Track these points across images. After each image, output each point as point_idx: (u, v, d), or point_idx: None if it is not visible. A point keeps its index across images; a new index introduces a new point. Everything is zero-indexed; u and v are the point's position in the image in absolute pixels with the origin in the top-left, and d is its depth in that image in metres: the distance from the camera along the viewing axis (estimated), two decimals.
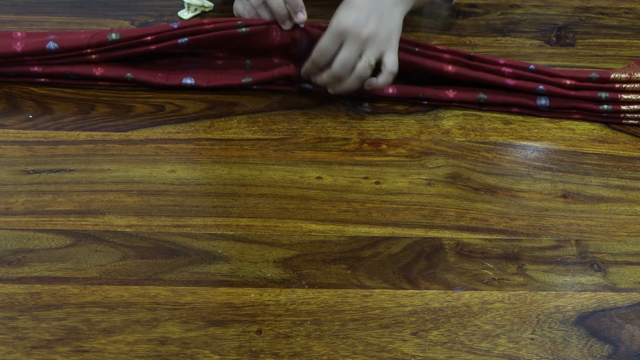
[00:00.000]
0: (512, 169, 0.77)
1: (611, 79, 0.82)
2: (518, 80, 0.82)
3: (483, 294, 0.65)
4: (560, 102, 0.82)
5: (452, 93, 0.83)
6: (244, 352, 0.59)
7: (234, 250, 0.67)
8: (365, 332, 0.61)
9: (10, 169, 0.74)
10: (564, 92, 0.82)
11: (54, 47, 0.81)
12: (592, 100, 0.82)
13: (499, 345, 0.61)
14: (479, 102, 0.83)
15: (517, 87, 0.82)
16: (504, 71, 0.82)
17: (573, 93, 0.82)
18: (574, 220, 0.72)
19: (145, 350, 0.59)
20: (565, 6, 1.02)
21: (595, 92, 0.82)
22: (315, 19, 0.98)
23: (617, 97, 0.82)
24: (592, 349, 0.61)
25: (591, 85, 0.82)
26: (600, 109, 0.82)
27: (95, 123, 0.80)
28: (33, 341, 0.60)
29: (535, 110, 0.83)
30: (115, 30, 0.82)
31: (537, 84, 0.82)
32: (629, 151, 0.79)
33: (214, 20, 0.82)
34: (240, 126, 0.80)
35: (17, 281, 0.64)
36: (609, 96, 0.82)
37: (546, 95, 0.82)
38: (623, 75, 0.82)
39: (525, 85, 0.82)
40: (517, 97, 0.82)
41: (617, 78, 0.82)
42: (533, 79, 0.82)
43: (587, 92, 0.82)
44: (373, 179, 0.75)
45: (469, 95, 0.83)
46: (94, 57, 0.82)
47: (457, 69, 0.82)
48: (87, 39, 0.81)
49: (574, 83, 0.82)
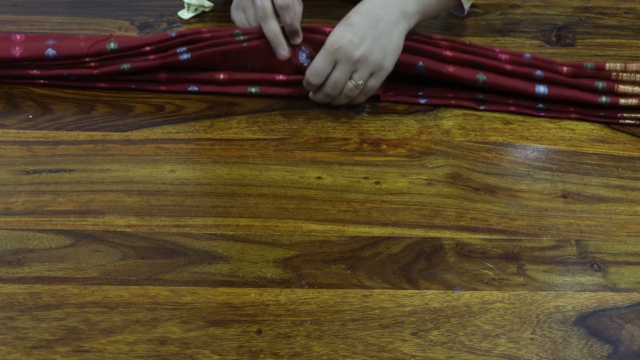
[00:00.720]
0: (512, 169, 0.77)
1: (607, 69, 0.82)
2: (515, 65, 0.82)
3: (483, 294, 0.65)
4: (559, 91, 0.82)
5: (451, 68, 0.82)
6: (244, 352, 0.59)
7: (234, 250, 0.67)
8: (365, 332, 0.61)
9: (10, 169, 0.74)
10: (561, 78, 0.82)
11: (52, 54, 0.81)
12: (589, 89, 0.82)
13: (499, 345, 0.61)
14: (477, 83, 0.82)
15: (515, 72, 0.82)
16: (501, 57, 0.83)
17: (570, 81, 0.82)
18: (574, 220, 0.72)
19: (145, 351, 0.59)
20: (565, 6, 1.02)
21: (593, 80, 0.82)
22: (315, 19, 0.98)
23: (614, 88, 0.82)
24: (592, 349, 0.61)
25: (588, 72, 0.82)
26: (599, 101, 0.82)
27: (95, 123, 0.80)
28: (33, 341, 0.60)
29: (533, 102, 0.83)
30: (114, 39, 0.82)
31: (534, 69, 0.82)
32: (629, 151, 0.80)
33: (212, 30, 0.82)
34: (240, 126, 0.80)
35: (17, 281, 0.64)
36: (605, 86, 0.82)
37: (544, 83, 0.82)
38: (618, 64, 0.82)
39: (523, 70, 0.82)
40: (516, 81, 0.82)
41: (612, 68, 0.83)
42: (530, 65, 0.82)
43: (584, 80, 0.82)
44: (373, 179, 0.75)
45: (469, 73, 0.82)
46: (92, 65, 0.82)
47: (455, 54, 0.82)
48: (85, 47, 0.81)
49: (570, 70, 0.82)
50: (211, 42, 0.81)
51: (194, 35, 0.81)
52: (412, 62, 0.82)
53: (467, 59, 0.82)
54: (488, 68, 0.82)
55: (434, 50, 0.82)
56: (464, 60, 0.82)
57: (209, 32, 0.82)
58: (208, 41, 0.81)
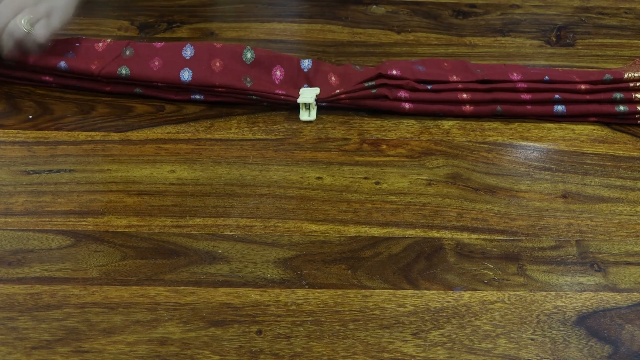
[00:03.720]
0: (512, 169, 0.77)
1: (625, 79, 0.82)
2: (534, 93, 0.82)
3: (483, 294, 0.65)
4: (577, 108, 0.82)
5: (468, 109, 0.82)
6: (244, 352, 0.59)
7: (234, 250, 0.67)
8: (366, 333, 0.61)
9: (10, 169, 0.74)
10: (579, 97, 0.82)
11: (64, 67, 0.82)
12: (607, 101, 0.82)
13: (499, 346, 0.61)
14: (495, 115, 0.82)
15: (533, 100, 0.82)
16: (518, 87, 0.82)
17: (589, 97, 0.82)
18: (574, 220, 0.72)
19: (145, 351, 0.59)
20: (565, 6, 1.02)
21: (611, 93, 0.82)
22: (315, 19, 0.98)
23: (632, 97, 0.82)
24: (592, 349, 0.61)
25: (606, 87, 0.82)
26: (617, 110, 0.82)
27: (95, 123, 0.80)
28: (33, 341, 0.60)
29: (552, 117, 0.83)
30: (127, 64, 0.81)
31: (552, 94, 0.82)
32: (629, 151, 0.79)
33: (224, 84, 0.81)
34: (240, 126, 0.80)
35: (17, 281, 0.64)
36: (623, 97, 0.82)
37: (563, 104, 0.82)
38: (636, 74, 0.82)
39: (541, 97, 0.82)
40: (534, 107, 0.82)
41: (630, 77, 0.82)
42: (548, 90, 0.82)
43: (602, 94, 0.82)
44: (373, 179, 0.75)
45: (487, 109, 0.82)
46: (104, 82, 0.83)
47: (471, 96, 0.82)
48: (97, 69, 0.81)
49: (588, 87, 0.82)
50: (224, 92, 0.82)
51: (207, 88, 0.81)
52: (432, 110, 0.82)
53: (484, 99, 0.82)
54: (505, 102, 0.82)
55: (451, 97, 0.82)
56: (481, 100, 0.82)
57: (221, 87, 0.81)
58: (219, 89, 0.81)
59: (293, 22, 0.97)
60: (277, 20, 0.97)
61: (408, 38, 0.95)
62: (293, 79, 0.83)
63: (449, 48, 0.93)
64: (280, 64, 0.83)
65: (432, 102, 0.82)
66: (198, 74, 0.81)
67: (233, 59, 0.82)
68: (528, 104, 0.82)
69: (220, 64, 0.81)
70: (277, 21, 0.97)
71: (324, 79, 0.83)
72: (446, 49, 0.93)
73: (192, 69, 0.81)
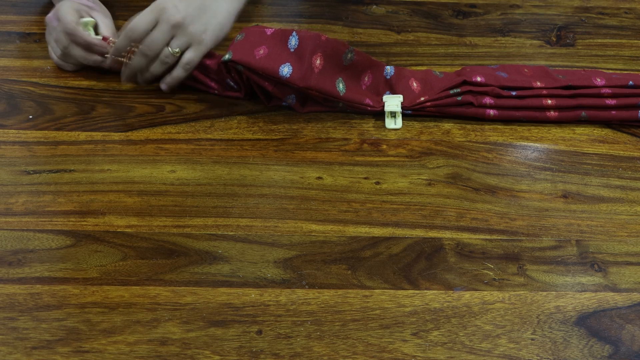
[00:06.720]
0: (512, 169, 0.77)
1: None
2: (619, 98, 0.82)
3: (483, 294, 0.65)
4: (602, 115, 0.82)
5: (553, 115, 0.82)
6: (244, 352, 0.59)
7: (234, 250, 0.67)
8: (366, 333, 0.61)
9: (10, 169, 0.74)
10: (606, 113, 0.82)
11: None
12: (631, 107, 0.82)
13: (499, 346, 0.61)
14: (579, 120, 0.82)
15: (618, 105, 0.82)
16: (603, 92, 0.82)
17: (613, 104, 0.82)
18: (574, 220, 0.72)
19: (145, 351, 0.59)
20: (565, 6, 1.02)
21: (635, 99, 0.82)
22: (314, 19, 0.98)
23: None
24: (593, 349, 0.61)
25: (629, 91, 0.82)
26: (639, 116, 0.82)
27: (95, 123, 0.80)
28: (33, 342, 0.60)
29: (637, 123, 0.82)
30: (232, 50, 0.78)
31: (637, 99, 0.82)
32: (629, 151, 0.80)
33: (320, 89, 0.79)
34: (240, 126, 0.80)
35: (17, 282, 0.64)
36: None
37: (587, 114, 0.82)
38: None
39: (626, 102, 0.82)
40: (619, 113, 0.82)
41: None
42: (633, 95, 0.82)
43: (625, 99, 0.82)
44: (373, 179, 0.75)
45: (571, 114, 0.82)
46: None
47: (556, 101, 0.82)
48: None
49: (615, 102, 0.82)
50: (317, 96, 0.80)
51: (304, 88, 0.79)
52: (517, 116, 0.82)
53: (569, 104, 0.82)
54: (590, 107, 0.82)
55: (535, 104, 0.82)
56: (566, 106, 0.82)
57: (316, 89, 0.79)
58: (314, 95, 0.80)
59: (293, 22, 0.97)
60: (277, 20, 0.98)
61: (408, 38, 0.95)
62: (377, 85, 0.83)
63: (449, 48, 0.93)
64: (370, 69, 0.83)
65: (517, 108, 0.82)
66: (297, 71, 0.77)
67: (334, 56, 0.80)
68: (613, 109, 0.82)
69: (320, 62, 0.79)
70: (277, 21, 0.97)
71: (406, 85, 0.83)
72: (446, 49, 0.93)
73: (293, 64, 0.78)
